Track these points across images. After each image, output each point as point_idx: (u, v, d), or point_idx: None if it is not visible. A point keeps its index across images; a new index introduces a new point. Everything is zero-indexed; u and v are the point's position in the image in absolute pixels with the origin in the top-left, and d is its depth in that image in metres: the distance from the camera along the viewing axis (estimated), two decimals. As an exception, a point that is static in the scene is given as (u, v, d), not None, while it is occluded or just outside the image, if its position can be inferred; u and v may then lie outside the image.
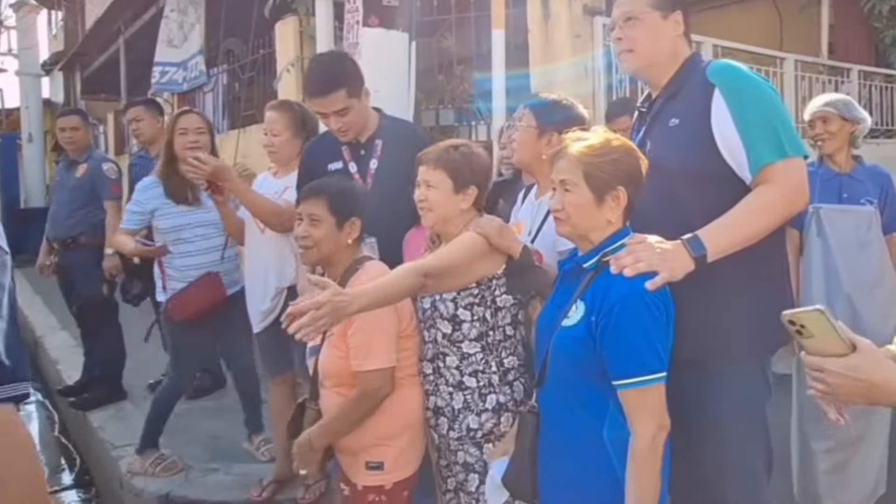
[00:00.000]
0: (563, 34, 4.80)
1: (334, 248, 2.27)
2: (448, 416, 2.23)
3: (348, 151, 2.90)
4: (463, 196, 2.23)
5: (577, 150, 1.87)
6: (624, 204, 1.87)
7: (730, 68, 2.07)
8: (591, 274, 1.86)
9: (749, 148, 1.95)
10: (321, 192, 2.29)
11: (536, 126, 2.45)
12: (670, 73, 2.15)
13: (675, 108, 2.10)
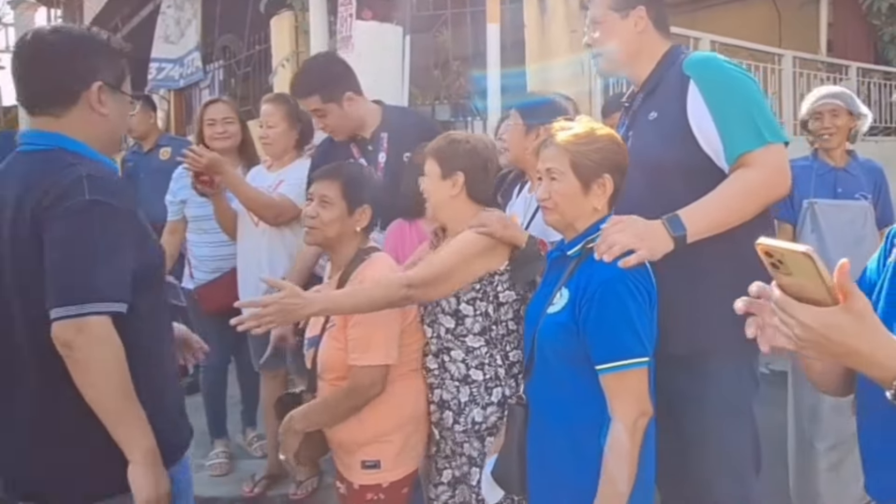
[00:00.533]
0: (559, 30, 4.77)
1: (340, 232, 2.24)
2: (454, 410, 2.22)
3: (356, 148, 2.94)
4: (452, 182, 2.22)
5: (564, 139, 1.87)
6: (610, 191, 1.89)
7: (704, 60, 2.09)
8: (576, 261, 1.87)
9: (725, 137, 1.96)
10: (337, 175, 2.28)
11: (523, 123, 2.49)
12: (648, 69, 2.19)
13: (653, 103, 2.13)
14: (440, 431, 2.28)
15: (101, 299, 1.62)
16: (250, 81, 6.88)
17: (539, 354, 1.90)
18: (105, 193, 1.67)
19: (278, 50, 5.67)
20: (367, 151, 2.90)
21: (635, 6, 2.15)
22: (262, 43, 6.30)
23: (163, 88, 8.29)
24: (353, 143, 2.94)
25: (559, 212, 1.88)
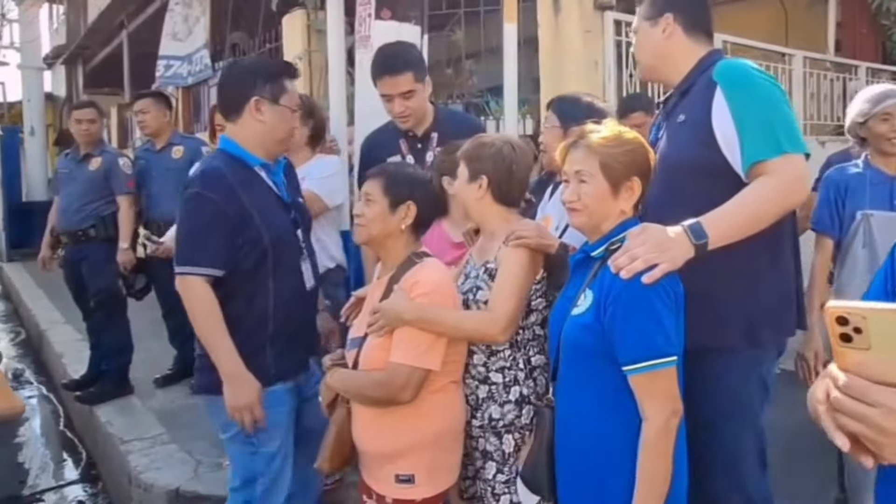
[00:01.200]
0: (573, 29, 4.77)
1: (384, 230, 2.21)
2: (472, 405, 2.23)
3: (405, 144, 2.95)
4: (477, 185, 2.23)
5: (593, 141, 1.88)
6: (637, 194, 1.90)
7: (733, 68, 2.09)
8: (600, 262, 1.86)
9: (744, 144, 1.98)
10: (380, 173, 2.28)
11: (560, 126, 2.48)
12: (682, 73, 2.23)
13: (683, 106, 2.18)
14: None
15: (193, 264, 2.31)
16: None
17: (564, 357, 1.90)
18: (209, 188, 2.33)
19: (290, 48, 5.66)
20: (416, 148, 2.91)
21: (663, 14, 2.23)
22: (273, 41, 6.28)
23: (171, 86, 8.27)
24: (404, 138, 2.96)
25: (587, 214, 1.88)
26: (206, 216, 2.31)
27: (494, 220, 2.25)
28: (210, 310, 2.31)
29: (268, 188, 2.47)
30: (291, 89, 2.47)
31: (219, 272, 2.32)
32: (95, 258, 4.76)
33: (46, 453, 4.99)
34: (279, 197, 2.50)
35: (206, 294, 2.30)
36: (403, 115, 2.89)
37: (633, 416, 1.75)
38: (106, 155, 4.86)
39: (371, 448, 2.20)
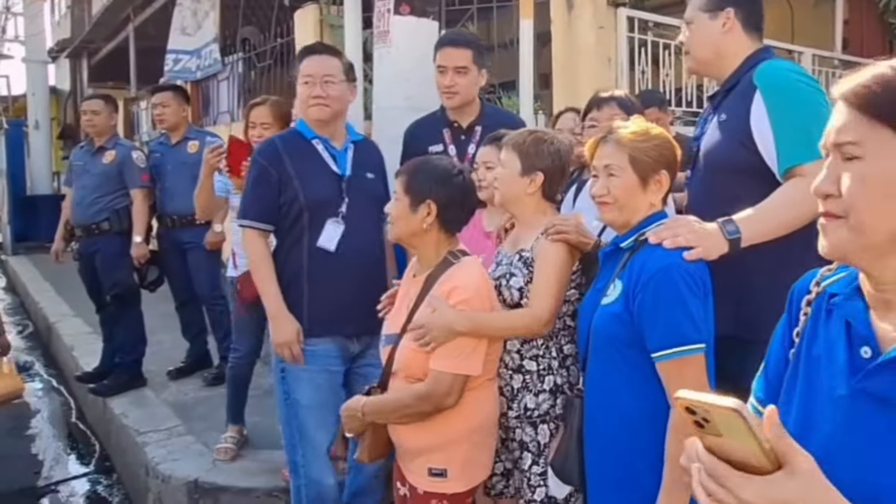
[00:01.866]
0: (586, 25, 4.78)
1: (408, 228, 2.19)
2: (507, 396, 2.27)
3: (449, 134, 3.00)
4: (530, 180, 2.25)
5: (622, 136, 1.91)
6: (666, 187, 1.95)
7: (773, 71, 2.12)
8: (629, 253, 1.90)
9: (780, 147, 2.02)
10: (404, 170, 2.27)
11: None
12: (725, 69, 2.26)
13: (727, 104, 2.21)
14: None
15: (244, 217, 2.79)
16: (271, 74, 6.87)
17: (594, 347, 1.93)
18: (261, 155, 2.79)
19: (302, 44, 5.65)
20: (459, 139, 2.95)
21: (724, 7, 2.22)
22: (285, 36, 6.29)
23: (179, 80, 8.27)
24: (448, 128, 3.01)
25: (618, 207, 1.91)
26: (255, 177, 2.76)
27: (535, 214, 2.29)
28: (260, 258, 2.74)
29: (319, 158, 2.78)
30: (302, 68, 2.82)
31: (264, 226, 2.76)
32: (109, 251, 4.78)
33: (59, 445, 5.02)
34: (331, 168, 2.79)
35: (257, 244, 2.75)
36: (451, 88, 2.96)
37: (662, 403, 1.77)
38: (120, 148, 4.88)
39: (406, 442, 2.21)
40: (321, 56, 2.84)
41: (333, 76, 2.77)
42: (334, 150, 2.82)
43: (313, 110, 2.75)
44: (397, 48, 3.60)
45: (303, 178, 2.72)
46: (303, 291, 2.73)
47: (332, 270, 2.71)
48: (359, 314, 2.67)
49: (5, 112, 16.56)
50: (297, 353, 2.68)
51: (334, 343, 2.76)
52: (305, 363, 2.71)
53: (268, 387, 4.58)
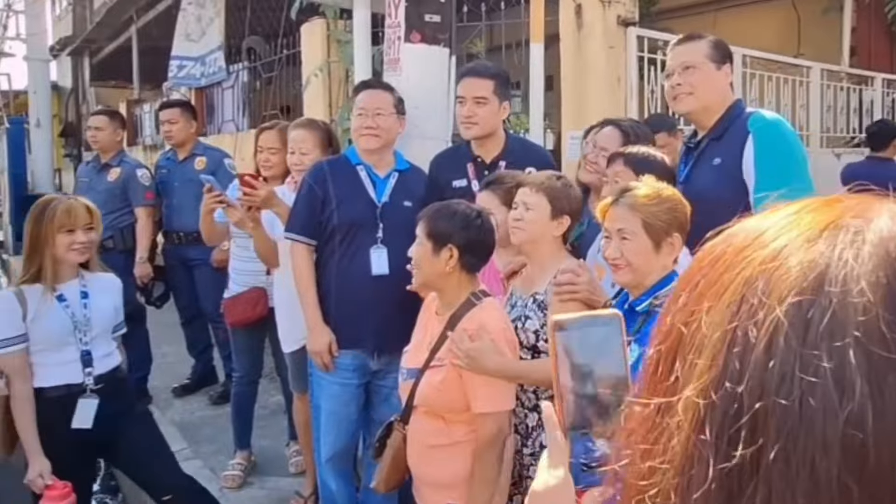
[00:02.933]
0: (596, 45, 4.76)
1: (431, 273, 2.26)
2: (521, 434, 2.29)
3: (473, 169, 3.01)
4: (558, 224, 2.28)
5: (634, 200, 1.92)
6: (678, 250, 1.95)
7: (767, 123, 2.43)
8: (644, 316, 1.89)
9: (758, 180, 2.31)
10: (424, 214, 2.32)
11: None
12: (716, 117, 2.52)
13: (718, 150, 2.48)
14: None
15: (289, 230, 3.01)
16: (276, 85, 6.84)
17: None
18: (310, 175, 3.03)
19: (309, 57, 5.63)
20: (482, 175, 2.93)
21: (726, 62, 2.50)
22: (291, 48, 6.26)
23: (183, 86, 8.25)
24: (472, 162, 3.01)
25: (631, 270, 1.92)
26: (303, 195, 3.00)
27: (552, 257, 2.31)
28: (300, 270, 2.97)
29: (360, 184, 2.99)
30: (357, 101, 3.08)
31: (306, 240, 2.97)
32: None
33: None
34: (369, 194, 2.98)
35: (300, 257, 2.98)
36: (470, 119, 2.95)
37: None
38: (125, 165, 4.86)
39: (425, 475, 2.30)
40: (374, 90, 3.11)
41: (383, 109, 3.01)
42: (377, 177, 3.03)
43: (363, 140, 2.99)
44: (407, 77, 3.56)
45: (340, 201, 2.94)
46: (330, 305, 2.95)
47: (360, 289, 2.92)
48: (382, 333, 2.90)
49: (6, 108, 16.50)
50: (328, 361, 2.92)
51: (353, 358, 2.96)
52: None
53: (274, 406, 4.61)
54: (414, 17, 3.56)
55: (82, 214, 2.76)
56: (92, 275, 2.88)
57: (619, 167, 2.41)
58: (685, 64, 2.49)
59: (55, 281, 2.73)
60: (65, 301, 2.75)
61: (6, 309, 2.68)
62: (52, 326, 2.71)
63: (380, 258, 2.93)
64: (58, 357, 2.74)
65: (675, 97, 2.54)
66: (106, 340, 2.87)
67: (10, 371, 2.68)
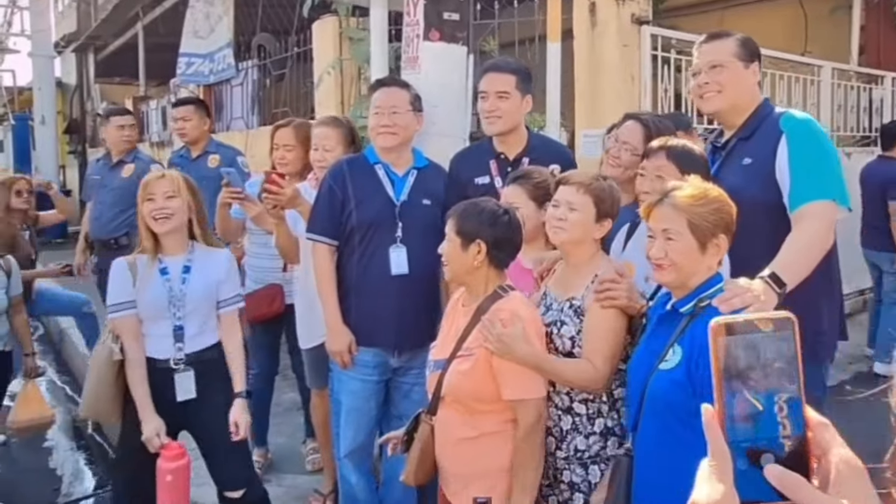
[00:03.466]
0: (610, 43, 4.75)
1: (461, 268, 2.30)
2: (556, 437, 2.28)
3: (496, 166, 3.00)
4: (600, 226, 2.27)
5: (680, 200, 1.89)
6: (724, 251, 1.94)
7: (799, 120, 2.42)
8: (689, 318, 1.88)
9: (794, 186, 2.30)
10: (454, 212, 2.34)
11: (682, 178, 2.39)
12: (745, 116, 2.51)
13: (748, 149, 2.47)
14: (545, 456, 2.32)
15: (314, 232, 2.98)
16: (286, 83, 6.84)
17: (649, 410, 1.91)
18: (330, 175, 3.01)
19: (321, 55, 5.63)
20: (505, 172, 2.93)
21: (754, 60, 2.47)
22: (302, 45, 6.26)
23: (192, 83, 8.24)
24: (495, 159, 3.00)
25: (676, 271, 1.89)
26: (323, 194, 3.00)
27: (590, 259, 2.31)
28: (322, 271, 2.97)
29: (378, 182, 2.98)
30: (373, 99, 3.05)
31: (328, 240, 2.97)
32: None
33: (77, 459, 5.01)
34: (388, 193, 2.97)
35: (321, 257, 2.98)
36: (493, 113, 2.94)
37: None
38: (139, 162, 4.86)
39: (452, 468, 2.31)
40: (390, 88, 3.09)
41: (400, 107, 2.99)
42: (395, 175, 3.02)
43: (380, 138, 2.98)
44: (426, 74, 3.58)
45: (359, 201, 2.94)
46: (350, 304, 2.96)
47: (380, 288, 2.93)
48: (402, 331, 2.94)
49: (11, 103, 16.50)
50: (347, 361, 2.94)
51: (373, 355, 2.97)
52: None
53: (289, 403, 4.61)
54: (433, 16, 3.57)
55: (161, 182, 2.78)
56: (204, 250, 2.87)
57: (661, 161, 2.37)
58: (712, 62, 2.47)
59: (158, 252, 2.80)
60: (167, 274, 2.79)
61: (119, 276, 2.80)
62: (149, 298, 2.77)
63: (399, 257, 2.94)
64: (154, 329, 2.80)
65: (703, 96, 2.51)
66: (201, 317, 2.84)
67: (123, 333, 2.77)
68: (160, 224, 2.76)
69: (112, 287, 2.80)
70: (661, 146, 2.40)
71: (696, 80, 2.54)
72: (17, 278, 4.08)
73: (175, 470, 2.72)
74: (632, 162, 2.74)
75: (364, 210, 2.95)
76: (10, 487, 4.48)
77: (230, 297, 2.91)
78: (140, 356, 2.77)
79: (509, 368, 2.17)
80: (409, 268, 2.94)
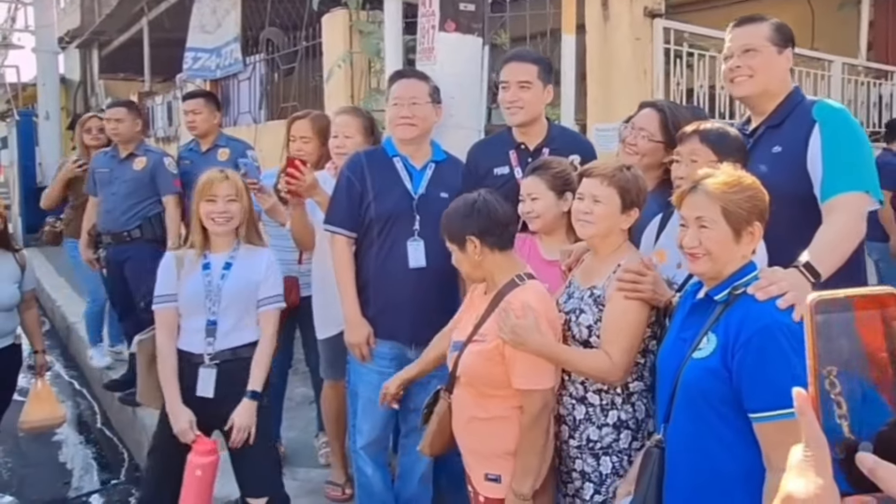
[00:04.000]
0: (623, 37, 4.72)
1: (470, 267, 2.36)
2: (569, 425, 2.28)
3: (515, 157, 2.97)
4: (626, 217, 2.25)
5: (713, 187, 1.86)
6: (758, 239, 1.90)
7: (833, 110, 2.37)
8: (723, 306, 1.85)
9: (827, 176, 2.25)
10: (442, 220, 2.40)
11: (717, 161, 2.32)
12: (775, 103, 2.45)
13: (778, 137, 2.40)
14: (559, 444, 2.33)
15: (333, 224, 2.97)
16: (295, 77, 6.82)
17: (683, 399, 1.88)
18: (348, 167, 3.00)
19: (330, 49, 5.61)
20: (525, 162, 2.90)
21: (788, 46, 2.42)
22: (311, 39, 6.23)
23: (198, 78, 8.22)
24: (515, 150, 2.98)
25: (710, 259, 1.86)
26: (342, 186, 2.98)
27: (616, 250, 2.29)
28: (339, 263, 2.96)
29: (396, 175, 2.96)
30: (391, 90, 3.02)
31: (346, 232, 2.96)
32: (139, 258, 4.71)
33: (87, 453, 5.01)
34: (405, 185, 2.95)
35: (339, 249, 2.96)
36: (515, 104, 2.91)
37: (756, 463, 1.74)
38: (151, 155, 4.83)
39: (466, 445, 2.39)
40: (409, 80, 3.06)
41: (419, 98, 2.97)
42: (413, 168, 3.01)
43: (399, 130, 2.96)
44: (441, 66, 3.55)
45: (377, 193, 2.93)
46: (369, 297, 2.96)
47: (398, 281, 2.92)
48: (419, 324, 2.89)
49: (15, 99, 16.47)
50: (366, 353, 2.94)
51: (391, 348, 2.97)
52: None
53: (300, 398, 4.60)
54: (448, 6, 3.54)
55: (224, 185, 2.80)
56: (248, 248, 2.90)
57: (694, 145, 2.33)
58: (745, 46, 2.42)
59: (205, 248, 2.84)
60: (208, 269, 2.82)
61: (164, 269, 2.88)
62: (188, 292, 2.80)
63: (416, 251, 2.93)
64: (190, 323, 2.82)
65: (733, 80, 2.46)
66: (236, 315, 2.83)
67: (158, 325, 2.84)
68: (218, 226, 2.79)
69: (158, 279, 2.88)
70: (694, 130, 2.36)
71: (727, 64, 2.49)
72: (30, 273, 4.06)
73: (205, 465, 2.74)
74: (649, 149, 2.72)
75: (382, 203, 2.95)
76: (21, 481, 4.48)
77: (269, 297, 2.90)
78: (170, 350, 2.80)
79: (520, 358, 2.20)
80: (427, 261, 2.92)
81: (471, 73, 3.63)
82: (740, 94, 2.53)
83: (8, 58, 17.23)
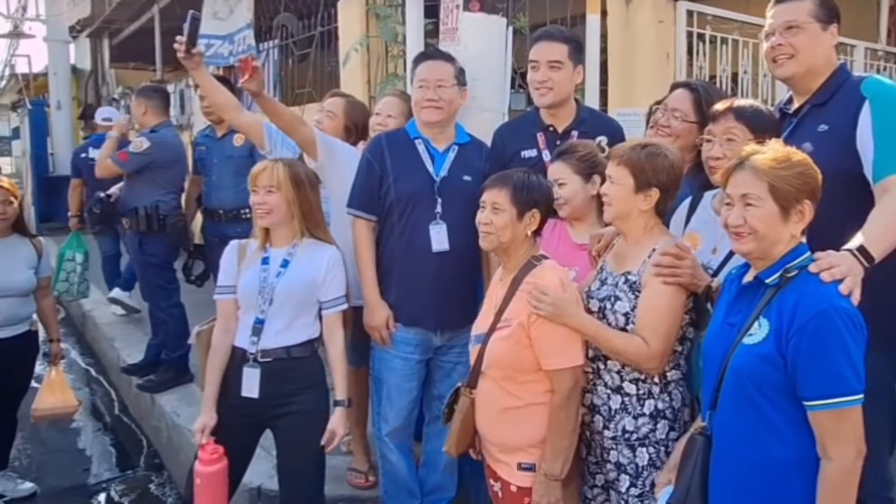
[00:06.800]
0: (645, 19, 4.65)
1: (512, 237, 2.30)
2: (604, 416, 2.23)
3: (543, 139, 2.92)
4: (644, 196, 2.17)
5: (761, 163, 1.79)
6: (809, 219, 1.82)
7: (884, 86, 2.25)
8: (774, 290, 1.79)
9: (879, 156, 2.14)
10: (505, 182, 2.32)
11: (754, 139, 2.26)
12: (820, 81, 2.35)
13: (824, 116, 2.31)
14: (590, 434, 2.28)
15: (353, 207, 2.97)
16: (309, 63, 6.75)
17: (732, 385, 1.82)
18: (369, 150, 3.01)
19: (347, 34, 5.55)
20: (554, 145, 2.85)
21: (833, 22, 2.31)
22: (326, 24, 6.17)
23: (211, 66, 8.15)
24: (543, 132, 2.93)
25: (757, 239, 1.79)
26: (363, 169, 2.97)
27: (645, 232, 2.22)
28: (360, 246, 2.94)
29: (418, 157, 2.92)
30: (417, 72, 2.96)
31: (367, 216, 2.94)
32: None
33: (105, 440, 4.99)
34: (427, 168, 2.90)
35: (360, 232, 2.94)
36: (545, 84, 2.85)
37: (810, 452, 1.70)
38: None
39: (496, 440, 2.34)
40: (435, 61, 2.98)
41: (445, 80, 2.90)
42: (435, 150, 2.96)
43: (425, 112, 2.91)
44: (465, 46, 3.49)
45: (398, 175, 2.90)
46: (392, 281, 2.93)
47: (421, 265, 2.88)
48: (444, 309, 2.91)
49: (27, 89, 16.46)
50: (386, 337, 2.91)
51: (415, 333, 2.94)
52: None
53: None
54: (472, -15, 3.48)
55: (263, 175, 2.69)
56: (311, 242, 2.77)
57: (729, 122, 2.27)
58: (788, 23, 2.32)
59: (266, 241, 2.76)
60: (266, 265, 2.72)
61: (227, 258, 2.81)
62: (245, 285, 2.72)
63: (439, 234, 2.88)
64: (245, 317, 2.73)
65: (775, 59, 2.37)
66: (288, 315, 2.70)
67: (217, 316, 2.79)
68: (259, 218, 2.73)
69: (220, 268, 2.81)
70: (728, 108, 2.30)
71: (768, 43, 2.39)
72: (46, 260, 4.03)
73: (205, 475, 2.59)
74: (683, 129, 2.66)
75: (402, 185, 2.90)
76: (41, 468, 4.46)
77: (332, 299, 2.77)
78: (222, 343, 2.74)
79: (547, 337, 2.18)
80: (450, 244, 2.88)
81: (495, 54, 3.57)
82: (783, 76, 2.43)
83: (19, 47, 17.20)
